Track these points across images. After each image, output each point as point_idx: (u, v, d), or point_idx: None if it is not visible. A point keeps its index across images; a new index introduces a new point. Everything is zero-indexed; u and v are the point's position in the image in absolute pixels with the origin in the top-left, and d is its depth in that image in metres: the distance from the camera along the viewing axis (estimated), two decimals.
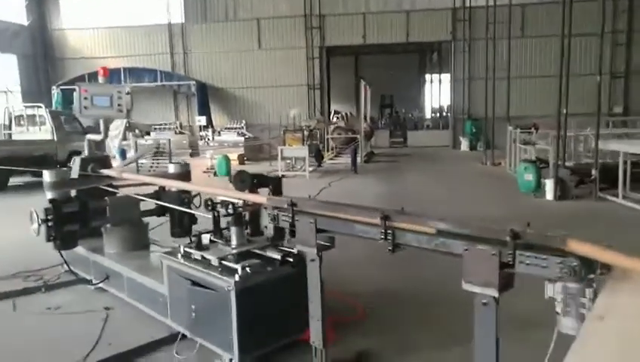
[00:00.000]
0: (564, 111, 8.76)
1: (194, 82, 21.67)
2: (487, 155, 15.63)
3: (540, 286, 2.05)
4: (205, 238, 3.67)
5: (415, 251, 2.45)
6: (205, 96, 22.12)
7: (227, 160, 14.35)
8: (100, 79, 5.00)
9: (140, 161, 13.34)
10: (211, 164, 14.91)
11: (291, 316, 3.43)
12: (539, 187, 9.52)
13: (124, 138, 17.05)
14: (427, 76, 34.40)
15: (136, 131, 18.95)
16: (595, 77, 18.71)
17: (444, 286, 4.58)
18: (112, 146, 15.24)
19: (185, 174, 4.96)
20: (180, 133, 20.81)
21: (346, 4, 21.78)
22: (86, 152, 5.23)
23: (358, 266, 5.14)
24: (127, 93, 4.95)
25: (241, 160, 17.36)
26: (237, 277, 3.11)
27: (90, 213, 4.74)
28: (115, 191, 5.07)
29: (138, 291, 4.15)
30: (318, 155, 14.68)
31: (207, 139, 19.61)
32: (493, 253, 2.10)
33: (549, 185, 8.90)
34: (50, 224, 4.39)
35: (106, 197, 4.81)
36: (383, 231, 2.51)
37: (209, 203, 3.63)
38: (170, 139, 14.65)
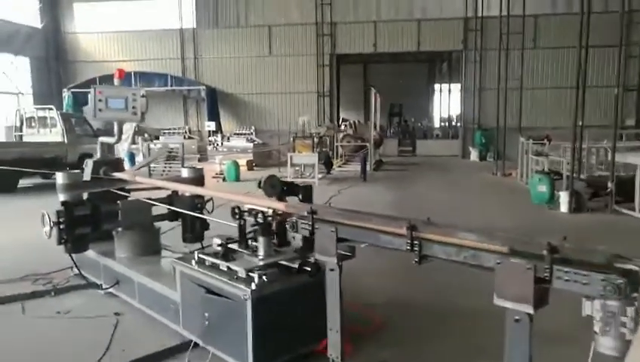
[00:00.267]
0: (580, 123, 8.63)
1: (204, 87, 21.70)
2: (497, 166, 15.48)
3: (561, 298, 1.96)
4: (225, 247, 3.50)
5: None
6: (215, 102, 22.15)
7: (236, 165, 14.34)
8: (116, 81, 4.96)
9: (151, 165, 13.33)
10: (220, 170, 14.89)
11: (308, 326, 3.34)
12: (552, 199, 9.39)
13: (133, 142, 17.09)
14: (436, 86, 34.33)
15: (146, 135, 18.97)
16: (609, 89, 18.64)
17: (465, 295, 4.50)
18: (121, 150, 15.25)
19: (198, 179, 4.90)
20: (189, 137, 20.83)
21: (357, 12, 21.78)
22: (99, 155, 5.19)
23: (372, 275, 5.03)
24: (143, 96, 4.90)
25: (250, 166, 17.33)
26: (253, 286, 3.03)
27: (101, 217, 4.69)
28: (127, 194, 5.01)
29: (149, 297, 4.08)
30: (327, 163, 14.61)
31: (215, 145, 19.59)
32: (529, 267, 2.01)
33: (563, 197, 8.76)
34: (61, 227, 4.34)
35: (118, 201, 4.75)
36: (409, 241, 2.42)
37: (236, 211, 3.43)
38: (183, 144, 14.65)
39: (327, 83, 22.46)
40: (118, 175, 4.80)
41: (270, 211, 3.30)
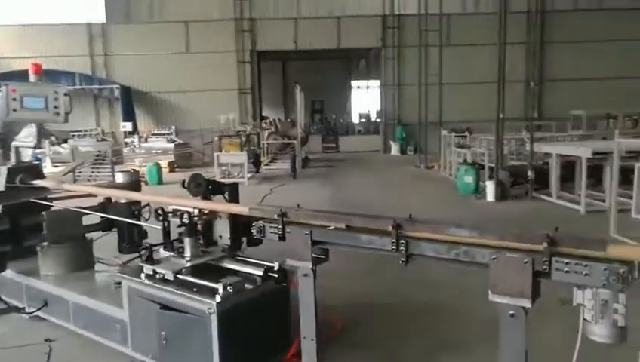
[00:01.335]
0: (502, 115, 9.10)
1: (117, 86, 20.38)
2: (420, 159, 16.03)
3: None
4: (158, 252, 3.36)
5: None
6: (130, 101, 20.86)
7: (158, 167, 13.62)
8: (32, 77, 4.40)
9: (77, 171, 12.28)
10: (141, 173, 14.03)
11: (273, 335, 3.16)
12: (477, 189, 9.85)
13: (39, 146, 15.61)
14: (354, 82, 34.95)
15: (52, 138, 17.45)
16: (512, 84, 19.95)
17: (419, 290, 4.52)
18: (26, 155, 13.87)
19: (135, 183, 4.48)
20: (103, 139, 19.46)
21: (277, 9, 21.54)
22: (13, 161, 4.60)
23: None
24: (66, 95, 4.40)
25: (172, 167, 16.54)
26: (218, 298, 2.78)
27: (21, 231, 4.16)
28: (50, 204, 4.49)
29: (87, 318, 3.65)
30: (256, 161, 14.30)
31: (132, 146, 18.47)
32: (526, 260, 1.97)
33: (489, 186, 9.20)
34: None
35: (42, 212, 4.23)
36: (394, 241, 2.31)
37: (159, 212, 3.31)
38: (110, 146, 13.70)
39: (249, 80, 22.03)
40: (40, 183, 4.27)
41: (196, 211, 3.19)
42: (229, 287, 2.83)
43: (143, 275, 3.14)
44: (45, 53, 20.36)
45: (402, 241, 2.31)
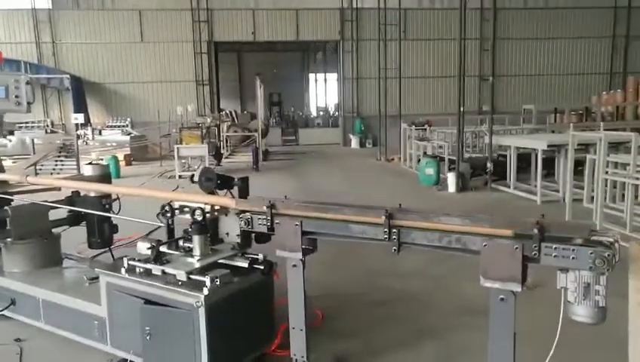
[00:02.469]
0: (462, 109, 9.37)
1: (67, 76, 19.49)
2: (380, 152, 16.28)
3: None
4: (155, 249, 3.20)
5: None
6: (81, 92, 20.03)
7: (116, 161, 13.19)
8: None
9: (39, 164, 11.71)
10: None
11: (259, 326, 3.17)
12: (439, 180, 10.12)
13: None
14: (312, 75, 34.93)
15: None
16: (469, 78, 20.48)
17: (390, 278, 4.63)
18: None
19: (105, 176, 4.33)
20: (52, 131, 18.62)
21: (235, 0, 21.22)
22: None
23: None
24: (27, 83, 4.19)
25: (128, 161, 16.06)
26: (206, 291, 2.75)
27: None
28: (10, 198, 4.28)
29: (59, 316, 3.53)
30: (217, 154, 14.09)
31: (85, 139, 17.74)
32: (517, 246, 2.07)
33: (451, 178, 9.47)
34: None
35: (6, 207, 4.03)
36: (386, 230, 2.37)
37: (166, 209, 3.16)
38: (77, 138, 13.17)
39: (206, 71, 21.61)
40: (1, 176, 4.06)
41: (208, 207, 3.05)
42: (216, 280, 2.80)
43: (123, 270, 3.06)
44: None
45: (394, 230, 2.36)
